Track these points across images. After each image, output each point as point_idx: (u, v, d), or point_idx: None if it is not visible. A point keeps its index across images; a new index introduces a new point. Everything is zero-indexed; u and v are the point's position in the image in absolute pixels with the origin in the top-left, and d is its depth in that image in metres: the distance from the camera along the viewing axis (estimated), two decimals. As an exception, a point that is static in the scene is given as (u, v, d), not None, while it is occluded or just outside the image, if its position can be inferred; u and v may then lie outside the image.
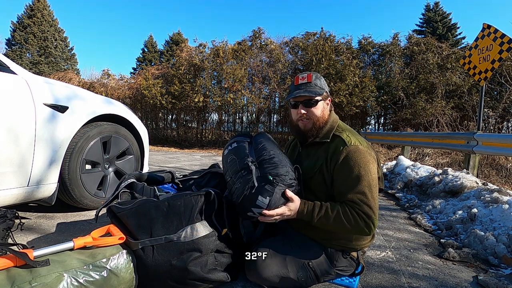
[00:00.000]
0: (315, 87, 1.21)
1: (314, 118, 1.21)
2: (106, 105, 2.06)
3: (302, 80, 1.24)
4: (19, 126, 1.47)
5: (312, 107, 1.21)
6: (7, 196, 1.48)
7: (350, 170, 1.09)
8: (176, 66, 10.65)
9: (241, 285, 1.18)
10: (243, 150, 1.21)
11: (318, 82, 1.23)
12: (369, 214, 1.05)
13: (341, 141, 1.15)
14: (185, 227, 1.07)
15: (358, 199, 1.06)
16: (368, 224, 1.05)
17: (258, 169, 1.11)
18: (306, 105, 1.21)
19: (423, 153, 6.64)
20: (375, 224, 1.06)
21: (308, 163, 1.22)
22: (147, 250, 1.04)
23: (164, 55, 23.96)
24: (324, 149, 1.20)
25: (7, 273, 0.84)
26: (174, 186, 1.54)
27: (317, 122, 1.21)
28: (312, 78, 1.22)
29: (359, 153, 1.11)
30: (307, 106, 1.21)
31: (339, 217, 1.06)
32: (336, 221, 1.06)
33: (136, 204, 1.12)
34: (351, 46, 11.11)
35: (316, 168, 1.17)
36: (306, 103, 1.21)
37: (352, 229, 1.06)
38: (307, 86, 1.22)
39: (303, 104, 1.22)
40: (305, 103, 1.21)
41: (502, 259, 1.53)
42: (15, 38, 21.93)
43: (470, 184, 2.61)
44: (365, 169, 1.09)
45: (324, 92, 1.22)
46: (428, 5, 21.30)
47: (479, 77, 4.12)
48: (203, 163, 5.77)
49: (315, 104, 1.21)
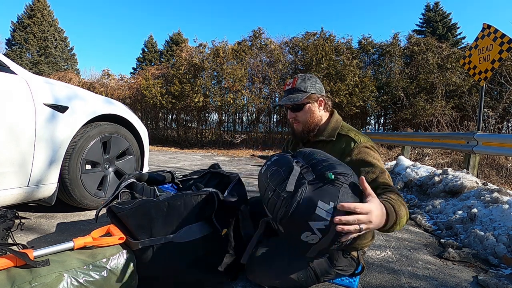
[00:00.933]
0: (297, 93, 1.23)
1: (302, 121, 1.25)
2: (106, 105, 2.06)
3: (288, 86, 1.27)
4: (19, 126, 1.47)
5: (299, 111, 1.24)
6: (7, 196, 1.48)
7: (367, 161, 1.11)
8: (176, 66, 10.65)
9: (241, 285, 1.18)
10: (287, 159, 1.00)
11: (302, 86, 1.23)
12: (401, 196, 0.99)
13: (351, 139, 1.18)
14: (185, 227, 1.07)
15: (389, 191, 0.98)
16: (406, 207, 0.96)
17: (311, 172, 0.90)
18: (292, 110, 1.26)
19: (423, 153, 6.63)
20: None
21: None
22: (147, 250, 1.04)
23: (164, 55, 23.97)
24: (330, 147, 1.21)
25: (7, 273, 0.84)
26: (174, 186, 1.54)
27: (306, 124, 1.25)
28: (297, 83, 1.24)
29: (370, 149, 1.15)
30: (293, 110, 1.25)
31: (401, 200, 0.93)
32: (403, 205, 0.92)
33: (136, 204, 1.12)
34: (351, 46, 11.12)
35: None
36: (292, 108, 1.25)
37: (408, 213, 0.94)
38: (290, 92, 1.25)
39: (290, 110, 1.26)
40: (291, 108, 1.25)
41: (502, 259, 1.53)
42: (15, 38, 21.93)
43: (470, 184, 2.61)
44: (380, 161, 1.13)
45: (309, 94, 1.23)
46: (428, 5, 21.31)
47: (479, 77, 4.12)
48: (203, 163, 5.77)
49: (300, 108, 1.23)
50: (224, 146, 10.60)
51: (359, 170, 1.10)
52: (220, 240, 1.13)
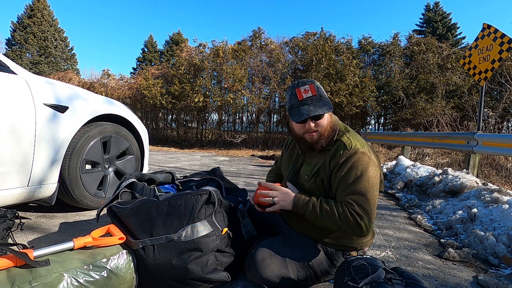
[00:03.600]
0: (324, 100, 1.16)
1: (321, 130, 1.17)
2: (106, 105, 2.06)
3: (306, 94, 1.14)
4: (19, 126, 1.47)
5: (320, 120, 1.16)
6: (7, 196, 1.48)
7: (348, 172, 1.09)
8: (176, 66, 10.65)
9: (241, 285, 1.18)
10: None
11: (322, 93, 1.17)
12: (361, 215, 1.05)
13: (342, 145, 1.15)
14: (185, 226, 1.08)
15: (352, 200, 1.07)
16: (359, 224, 1.05)
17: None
18: (315, 119, 1.16)
19: (423, 153, 6.64)
20: (368, 225, 1.05)
21: (307, 166, 1.22)
22: (148, 249, 1.04)
23: (164, 55, 23.96)
24: (326, 154, 1.18)
25: (7, 273, 0.84)
26: (174, 186, 1.55)
27: (324, 132, 1.17)
28: (316, 90, 1.15)
29: (358, 157, 1.10)
30: (316, 119, 1.16)
31: (333, 212, 1.07)
32: (329, 216, 1.07)
33: (136, 203, 1.12)
34: (351, 46, 11.11)
35: (314, 171, 1.18)
36: (315, 117, 1.15)
37: (343, 225, 1.06)
38: (314, 100, 1.14)
39: (311, 119, 1.15)
40: (314, 117, 1.15)
41: (502, 259, 1.53)
42: (15, 38, 21.92)
43: (470, 184, 2.61)
44: (363, 172, 1.08)
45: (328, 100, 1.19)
46: (428, 5, 21.32)
47: (479, 77, 4.12)
48: (203, 163, 5.77)
49: (322, 116, 1.16)
50: (224, 146, 10.60)
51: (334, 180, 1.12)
52: (220, 239, 1.13)
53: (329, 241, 1.18)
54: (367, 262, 0.98)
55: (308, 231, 1.20)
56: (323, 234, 1.17)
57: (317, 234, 1.18)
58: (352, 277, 0.93)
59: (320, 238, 1.18)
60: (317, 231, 1.17)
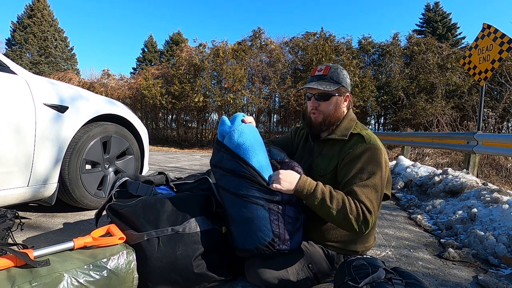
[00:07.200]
0: (329, 81, 1.16)
1: (324, 113, 1.17)
2: (106, 105, 2.05)
3: (319, 72, 1.18)
4: (19, 126, 1.47)
5: (325, 101, 1.17)
6: (7, 196, 1.48)
7: (364, 164, 1.06)
8: (176, 66, 10.66)
9: (241, 285, 1.18)
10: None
11: (335, 76, 1.17)
12: (370, 210, 1.01)
13: (361, 138, 1.12)
14: (190, 219, 1.11)
15: (363, 194, 1.02)
16: (366, 221, 1.00)
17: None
18: (318, 99, 1.17)
19: (423, 153, 6.64)
20: (371, 223, 1.02)
21: (322, 160, 1.18)
22: (153, 241, 1.05)
23: (164, 55, 23.96)
24: (340, 147, 1.16)
25: (7, 273, 0.84)
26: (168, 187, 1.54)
27: (327, 117, 1.17)
28: (330, 71, 1.17)
29: (376, 152, 1.09)
30: (319, 99, 1.17)
31: (344, 202, 1.00)
32: (339, 205, 1.00)
33: (141, 199, 1.15)
34: (351, 46, 11.12)
35: (331, 167, 1.14)
36: (319, 97, 1.17)
37: (351, 219, 0.99)
38: (321, 78, 1.16)
39: (315, 97, 1.18)
40: (317, 96, 1.18)
41: (502, 259, 1.53)
42: (15, 38, 21.93)
43: (470, 184, 2.61)
44: (378, 169, 1.06)
45: (339, 86, 1.17)
46: (428, 5, 21.31)
47: (479, 77, 4.12)
48: (203, 163, 5.77)
49: (328, 98, 1.17)
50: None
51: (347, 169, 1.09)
52: (221, 238, 1.15)
53: (331, 244, 1.16)
54: (367, 262, 0.97)
55: (308, 234, 1.18)
56: (324, 236, 1.16)
57: (318, 235, 1.17)
58: (352, 277, 0.93)
59: (321, 240, 1.17)
60: (318, 232, 1.16)
